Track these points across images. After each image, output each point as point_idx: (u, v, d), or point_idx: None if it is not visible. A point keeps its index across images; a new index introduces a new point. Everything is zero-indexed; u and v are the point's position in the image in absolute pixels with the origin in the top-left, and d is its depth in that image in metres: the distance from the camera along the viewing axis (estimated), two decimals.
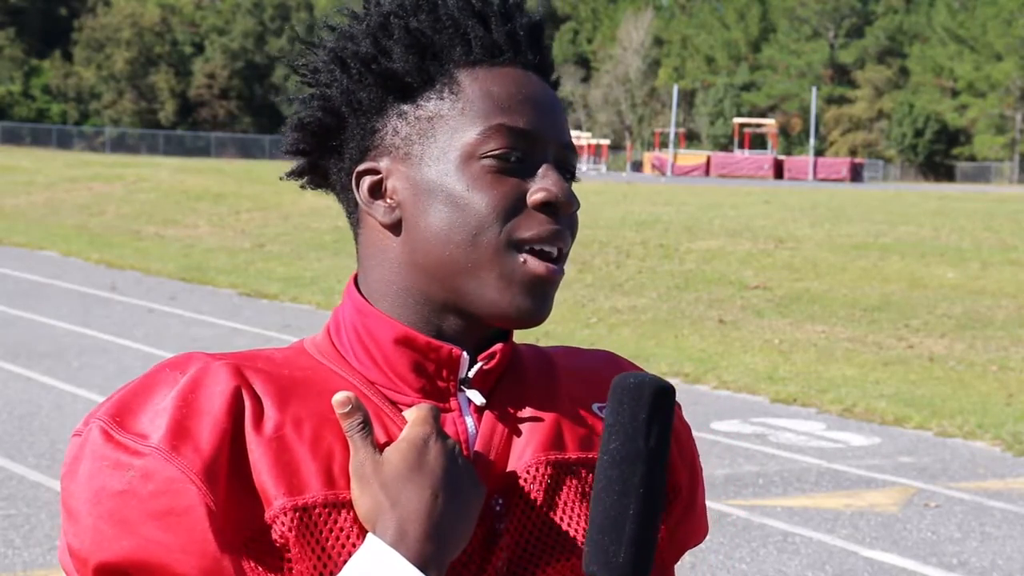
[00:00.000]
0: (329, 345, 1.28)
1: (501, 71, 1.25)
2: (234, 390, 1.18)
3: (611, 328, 14.34)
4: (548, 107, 1.26)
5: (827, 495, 7.83)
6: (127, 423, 1.17)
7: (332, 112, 1.27)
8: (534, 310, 1.23)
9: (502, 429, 1.26)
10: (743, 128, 61.79)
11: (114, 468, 1.15)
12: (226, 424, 1.16)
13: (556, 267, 1.23)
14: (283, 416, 1.18)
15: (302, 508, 1.16)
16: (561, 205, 1.22)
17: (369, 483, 1.15)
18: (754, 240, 21.30)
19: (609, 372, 1.34)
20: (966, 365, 12.47)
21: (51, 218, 26.85)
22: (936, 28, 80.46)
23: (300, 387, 1.21)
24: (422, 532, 1.14)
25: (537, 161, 1.24)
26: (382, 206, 1.25)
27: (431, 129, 1.23)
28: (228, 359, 1.22)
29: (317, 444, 1.18)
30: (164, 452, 1.14)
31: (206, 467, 1.14)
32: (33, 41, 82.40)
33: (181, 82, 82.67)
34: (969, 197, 35.10)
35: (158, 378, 1.20)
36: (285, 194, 29.41)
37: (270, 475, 1.16)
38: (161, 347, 12.18)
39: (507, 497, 1.23)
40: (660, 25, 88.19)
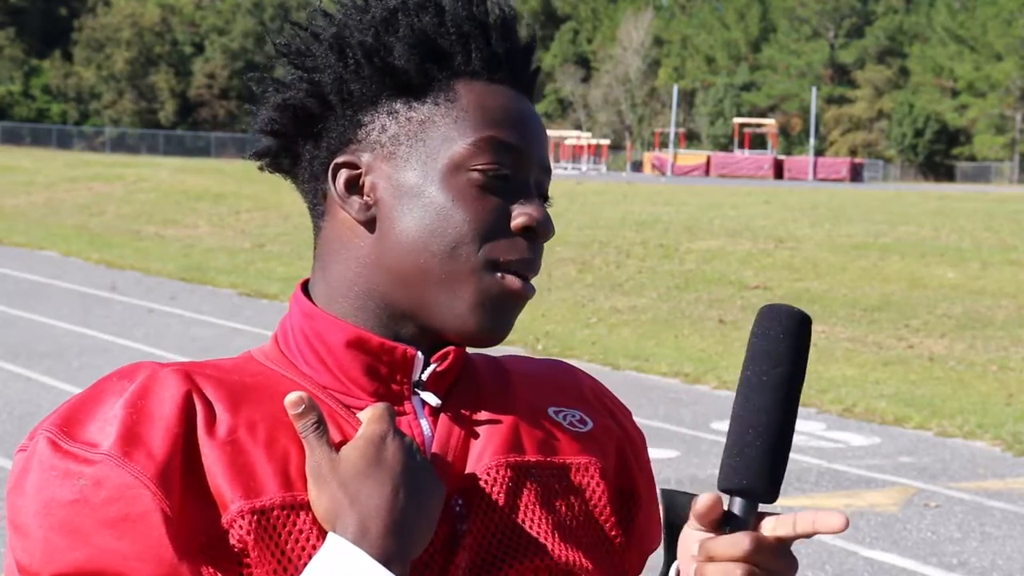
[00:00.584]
0: (277, 352, 1.25)
1: (496, 87, 1.24)
2: (185, 395, 1.16)
3: (611, 328, 14.33)
4: (534, 129, 1.26)
5: (827, 495, 7.83)
6: (75, 432, 1.14)
7: (319, 98, 1.25)
8: (497, 329, 1.22)
9: (459, 432, 1.24)
10: (743, 128, 61.80)
11: (64, 477, 1.12)
12: (178, 429, 1.14)
13: (531, 288, 1.24)
14: (236, 419, 1.16)
15: (259, 511, 1.13)
16: (541, 231, 1.22)
17: (327, 482, 1.13)
18: (754, 240, 21.30)
19: (563, 378, 1.36)
20: (966, 365, 12.47)
21: (51, 218, 26.85)
22: (936, 28, 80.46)
23: (251, 391, 1.20)
24: (384, 528, 1.12)
25: (521, 181, 1.23)
26: (358, 202, 1.23)
27: (421, 133, 1.22)
28: (176, 366, 1.20)
29: (272, 446, 1.16)
30: (116, 458, 1.12)
31: (160, 472, 1.12)
32: (33, 41, 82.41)
33: (181, 82, 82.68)
34: (969, 197, 35.10)
35: (106, 387, 1.18)
36: (285, 194, 29.37)
37: (225, 478, 1.14)
38: (161, 347, 12.19)
39: (467, 498, 1.21)
40: (660, 25, 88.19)
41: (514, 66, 1.26)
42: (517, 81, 1.27)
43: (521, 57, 1.28)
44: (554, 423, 1.30)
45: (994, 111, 75.19)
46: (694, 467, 8.35)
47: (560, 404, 1.32)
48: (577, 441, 1.29)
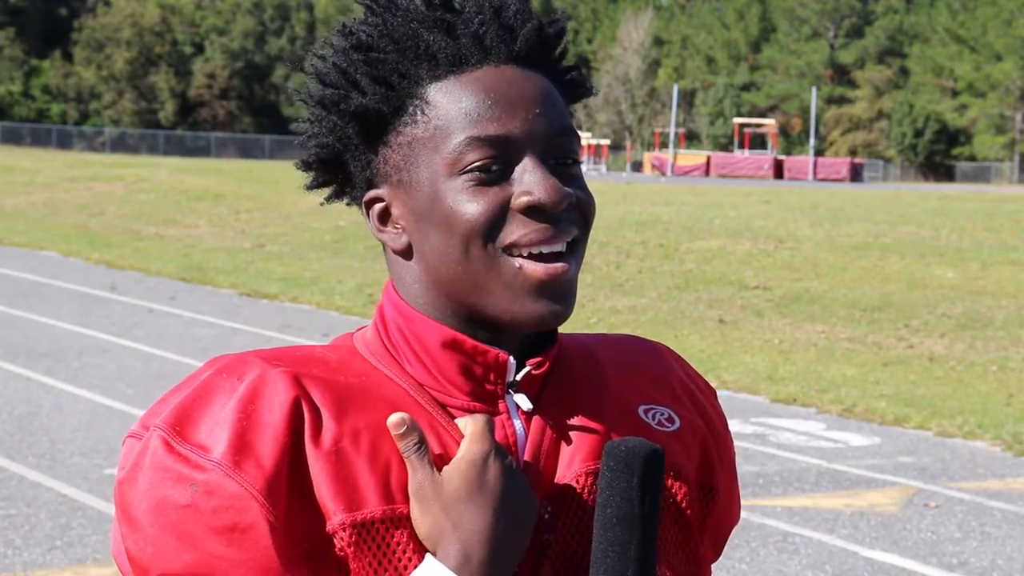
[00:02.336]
0: (380, 345, 1.27)
1: (470, 76, 1.22)
2: (293, 401, 1.18)
3: (611, 328, 14.33)
4: (528, 101, 1.22)
5: (827, 495, 7.83)
6: (187, 432, 1.17)
7: (328, 148, 1.27)
8: (551, 312, 1.20)
9: (551, 434, 1.25)
10: (743, 128, 61.77)
11: (176, 481, 1.16)
12: (286, 438, 1.17)
13: (560, 265, 1.20)
14: (341, 428, 1.18)
15: (360, 524, 1.16)
16: (546, 205, 1.19)
17: (430, 504, 1.16)
18: (754, 240, 21.30)
19: (655, 367, 1.36)
20: (966, 365, 12.47)
21: (51, 218, 26.85)
22: (936, 28, 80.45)
23: (356, 396, 1.21)
24: (485, 555, 1.15)
25: (521, 161, 1.21)
26: (391, 233, 1.25)
27: (412, 154, 1.22)
28: (285, 364, 1.21)
29: (375, 457, 1.18)
30: (226, 467, 1.15)
31: (268, 483, 1.15)
32: (33, 41, 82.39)
33: (181, 82, 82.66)
34: (969, 197, 35.10)
35: (215, 384, 1.20)
36: (285, 194, 29.39)
37: (329, 489, 1.16)
38: (161, 347, 12.19)
39: (555, 506, 1.23)
40: (660, 25, 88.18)
41: (488, 47, 1.22)
42: (500, 58, 1.23)
43: (497, 32, 1.23)
44: (643, 424, 1.30)
45: (994, 111, 75.17)
46: None
47: (651, 400, 1.33)
48: (665, 443, 1.29)
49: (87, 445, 8.41)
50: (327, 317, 14.75)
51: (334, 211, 26.25)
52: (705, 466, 1.34)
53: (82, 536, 6.55)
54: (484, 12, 1.23)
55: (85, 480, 7.56)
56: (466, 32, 1.22)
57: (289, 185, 32.18)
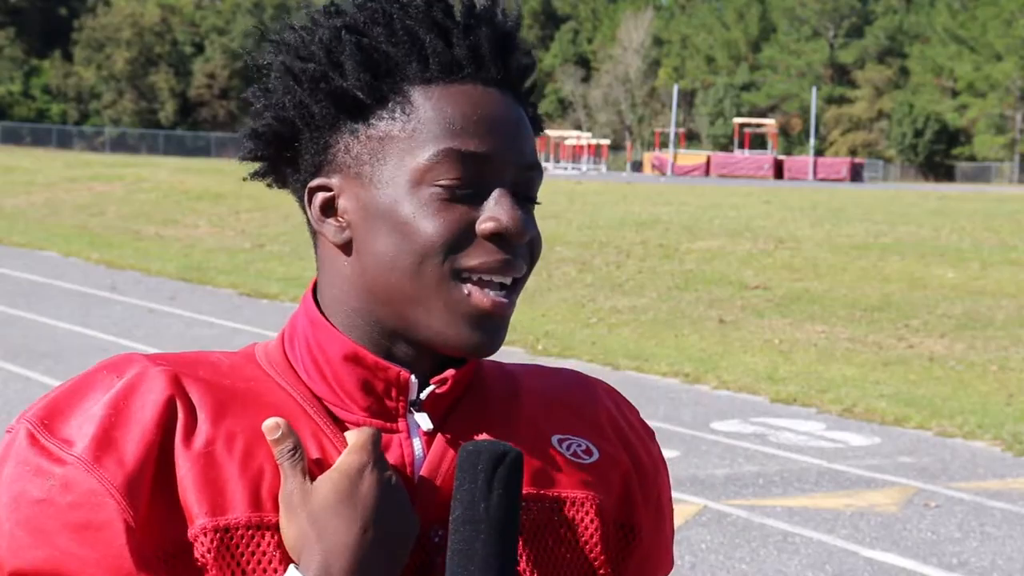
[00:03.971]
0: (281, 355, 1.23)
1: (459, 88, 1.18)
2: (167, 400, 1.14)
3: (611, 328, 14.33)
4: (508, 128, 1.19)
5: (827, 495, 7.83)
6: (55, 426, 1.14)
7: (286, 123, 1.22)
8: (481, 344, 1.17)
9: (452, 455, 1.20)
10: (743, 128, 61.79)
11: (35, 475, 1.12)
12: (154, 436, 1.13)
13: (505, 300, 1.17)
14: (216, 431, 1.15)
15: (223, 529, 1.12)
16: (512, 235, 1.16)
17: (297, 513, 1.12)
18: (754, 240, 21.31)
19: (580, 400, 1.31)
20: (966, 365, 12.47)
21: (51, 218, 26.86)
22: (936, 28, 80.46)
23: (239, 400, 1.17)
24: (346, 567, 1.11)
25: (490, 186, 1.17)
26: (333, 225, 1.20)
27: (382, 150, 1.18)
28: (169, 364, 1.18)
29: (247, 462, 1.14)
30: (86, 463, 1.11)
31: (127, 481, 1.11)
32: (33, 41, 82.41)
33: (181, 82, 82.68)
34: (969, 197, 35.11)
35: (93, 380, 1.17)
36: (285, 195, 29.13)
37: (194, 492, 1.12)
38: (161, 347, 12.19)
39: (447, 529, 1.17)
40: (660, 25, 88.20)
41: (481, 64, 1.19)
42: (489, 78, 1.20)
43: (492, 52, 1.20)
44: (556, 453, 1.26)
45: (994, 111, 75.18)
46: (694, 467, 8.35)
47: (568, 431, 1.28)
48: (577, 474, 1.26)
49: None
50: None
51: None
52: (625, 503, 1.29)
53: None
54: (482, 29, 1.20)
55: None
56: (462, 44, 1.19)
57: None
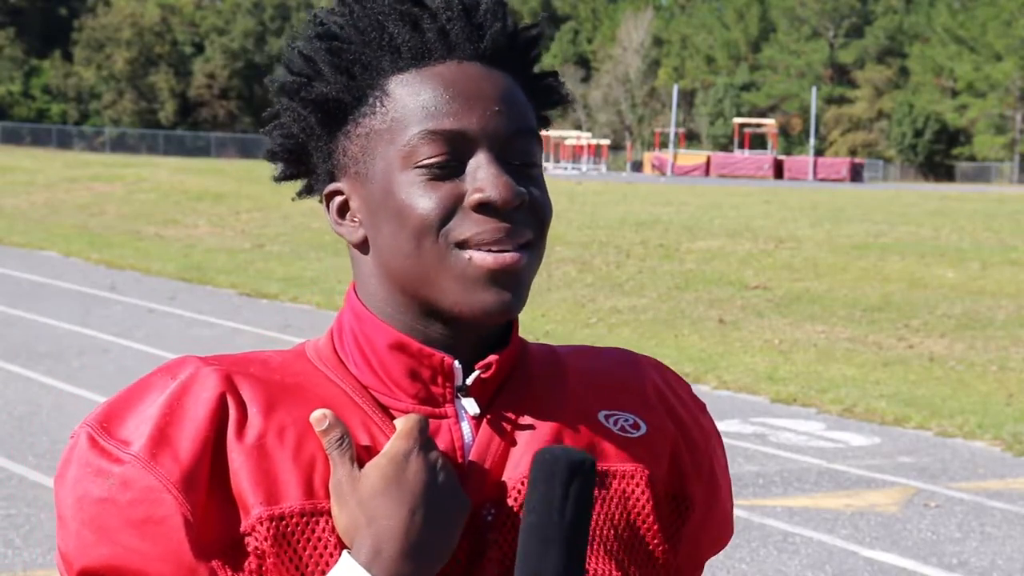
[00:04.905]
0: (330, 350, 1.27)
1: (431, 71, 1.21)
2: (219, 397, 1.18)
3: (611, 328, 14.34)
4: (486, 99, 1.20)
5: (827, 495, 7.83)
6: (113, 429, 1.18)
7: (293, 139, 1.27)
8: (500, 302, 1.18)
9: (500, 438, 1.23)
10: (743, 128, 61.80)
11: (96, 475, 1.17)
12: (208, 432, 1.17)
13: (511, 254, 1.18)
14: (267, 424, 1.18)
15: (278, 517, 1.16)
16: (498, 202, 1.18)
17: (347, 500, 1.15)
18: (754, 240, 21.31)
19: (626, 376, 1.33)
20: (966, 365, 12.47)
21: (51, 218, 26.85)
22: (936, 28, 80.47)
23: (288, 393, 1.21)
24: (397, 551, 1.14)
25: (476, 161, 1.19)
26: (349, 226, 1.25)
27: (369, 146, 1.21)
28: (221, 364, 1.21)
29: (299, 452, 1.18)
30: (143, 461, 1.16)
31: (184, 476, 1.15)
32: (33, 41, 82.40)
33: (181, 82, 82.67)
34: (969, 197, 35.11)
35: (150, 383, 1.21)
36: (285, 194, 29.18)
37: (249, 483, 1.16)
38: (161, 347, 12.18)
39: (499, 508, 1.21)
40: (660, 25, 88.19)
41: (452, 43, 1.21)
42: (465, 55, 1.22)
43: (464, 29, 1.22)
44: (602, 429, 1.28)
45: (994, 111, 75.19)
46: None
47: (614, 407, 1.30)
48: (626, 448, 1.27)
49: None
50: (327, 317, 14.74)
51: None
52: (676, 475, 1.31)
53: None
54: (452, 8, 1.22)
55: None
56: (432, 27, 1.21)
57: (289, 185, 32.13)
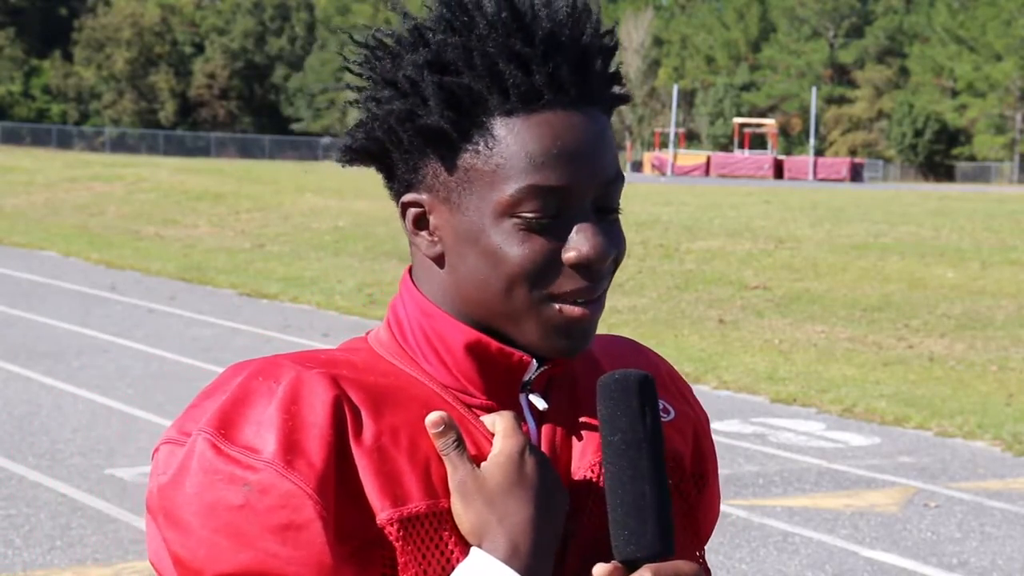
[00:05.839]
0: (396, 346, 1.29)
1: (539, 118, 1.21)
2: (334, 400, 1.20)
3: (611, 328, 14.33)
4: (588, 153, 1.22)
5: (827, 495, 7.83)
6: (233, 435, 1.19)
7: (377, 143, 1.27)
8: (573, 348, 1.25)
9: (560, 431, 1.29)
10: (743, 128, 61.79)
11: (228, 482, 1.17)
12: (332, 437, 1.19)
13: (593, 308, 1.25)
14: (379, 426, 1.21)
15: (407, 519, 1.19)
16: (595, 263, 1.22)
17: (473, 499, 1.19)
18: (754, 240, 21.31)
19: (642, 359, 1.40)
20: (966, 365, 12.47)
21: (51, 218, 26.85)
22: (936, 28, 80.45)
23: (389, 395, 1.23)
24: (531, 546, 1.18)
25: (573, 215, 1.22)
26: (426, 239, 1.26)
27: (468, 181, 1.22)
28: (317, 366, 1.23)
29: (414, 453, 1.21)
30: (279, 467, 1.17)
31: (319, 481, 1.17)
32: (33, 41, 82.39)
33: (181, 82, 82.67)
34: (969, 197, 35.12)
35: (252, 387, 1.21)
36: (285, 194, 29.39)
37: (374, 486, 1.19)
38: (161, 347, 12.19)
39: (574, 498, 1.25)
40: (660, 25, 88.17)
41: (560, 88, 1.22)
42: (569, 101, 1.22)
43: (570, 74, 1.22)
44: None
45: (994, 111, 75.17)
46: None
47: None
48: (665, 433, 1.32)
49: (87, 445, 8.41)
50: (327, 317, 14.75)
51: (334, 211, 26.20)
52: (698, 455, 1.40)
53: (82, 536, 6.55)
54: (561, 49, 1.22)
55: (85, 480, 7.56)
56: (542, 70, 1.21)
57: (289, 185, 32.17)
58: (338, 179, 32.80)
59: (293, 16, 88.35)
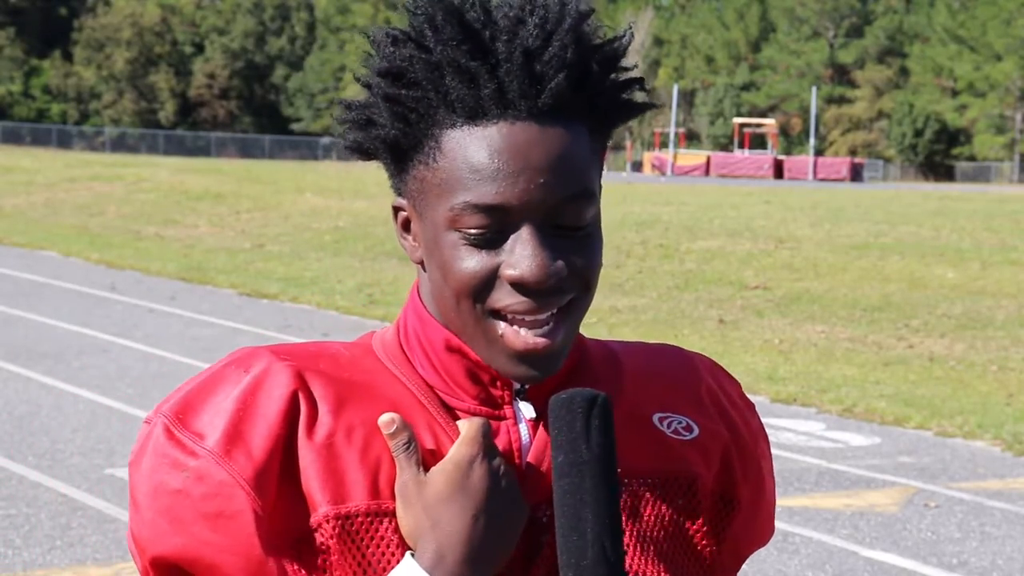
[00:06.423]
0: (397, 346, 1.29)
1: (483, 132, 1.17)
2: (291, 395, 1.21)
3: (611, 328, 14.33)
4: (533, 168, 1.17)
5: (827, 495, 7.83)
6: (188, 420, 1.21)
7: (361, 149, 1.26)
8: (527, 376, 1.21)
9: None
10: (743, 128, 61.79)
11: (172, 466, 1.20)
12: (280, 430, 1.20)
13: (540, 340, 1.19)
14: (336, 423, 1.21)
15: (344, 516, 1.19)
16: (531, 283, 1.16)
17: (412, 503, 1.18)
18: (754, 240, 21.31)
19: (681, 376, 1.35)
20: (966, 365, 12.47)
21: (51, 218, 26.84)
22: (936, 28, 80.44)
23: (357, 392, 1.23)
24: (460, 556, 1.16)
25: (518, 232, 1.18)
26: (410, 244, 1.27)
27: (423, 191, 1.21)
28: (293, 359, 1.24)
29: (366, 453, 1.21)
30: (217, 456, 1.19)
31: (256, 473, 1.18)
32: (33, 41, 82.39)
33: (181, 82, 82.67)
34: (969, 197, 35.12)
35: (223, 375, 1.23)
36: (285, 194, 29.40)
37: (317, 481, 1.19)
38: (161, 347, 12.19)
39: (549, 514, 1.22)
40: (660, 25, 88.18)
41: (511, 100, 1.17)
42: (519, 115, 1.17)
43: (523, 86, 1.17)
44: (656, 432, 1.30)
45: (994, 111, 75.17)
46: None
47: (668, 409, 1.32)
48: (678, 450, 1.30)
49: (87, 445, 8.41)
50: (327, 317, 14.75)
51: (334, 211, 26.19)
52: (726, 477, 1.34)
53: (82, 536, 6.55)
54: (513, 60, 1.17)
55: (85, 480, 7.56)
56: (489, 84, 1.17)
57: (289, 185, 32.18)
58: (338, 179, 32.79)
59: (293, 16, 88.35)
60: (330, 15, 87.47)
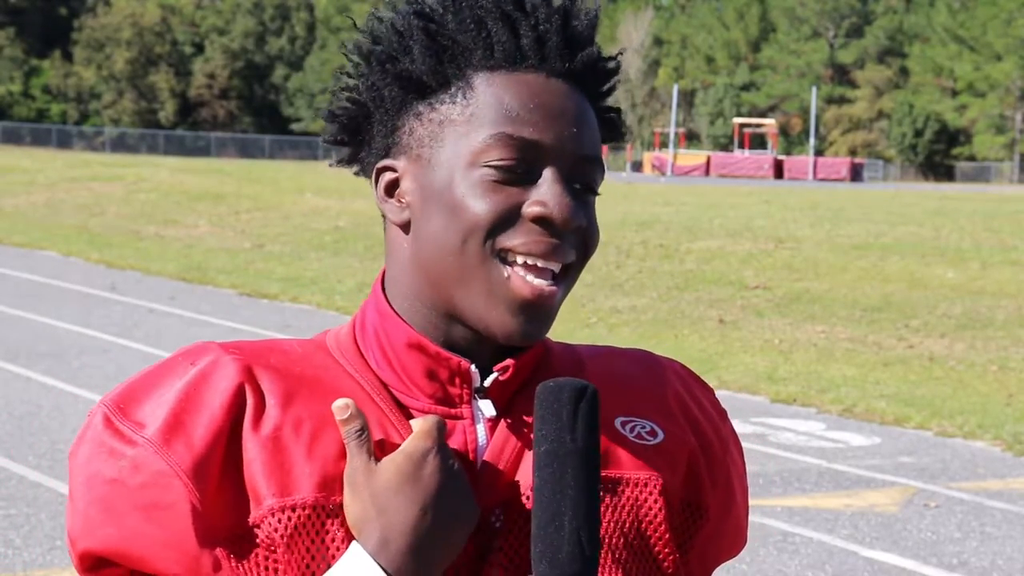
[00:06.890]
0: (351, 343, 1.27)
1: (520, 77, 1.21)
2: (237, 387, 1.19)
3: (611, 328, 14.33)
4: (567, 118, 1.21)
5: (827, 495, 7.83)
6: (130, 410, 1.19)
7: (359, 105, 1.27)
8: (523, 331, 1.20)
9: (515, 441, 1.23)
10: (743, 128, 61.79)
11: (109, 455, 1.17)
12: (223, 422, 1.17)
13: (549, 286, 1.19)
14: (284, 416, 1.19)
15: (291, 508, 1.16)
16: (556, 221, 1.18)
17: (360, 491, 1.15)
18: (754, 240, 21.31)
19: (647, 382, 1.33)
20: (966, 365, 12.47)
21: (51, 218, 26.84)
22: (936, 28, 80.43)
23: (307, 387, 1.21)
24: (405, 545, 1.14)
25: (545, 173, 1.20)
26: (394, 205, 1.25)
27: (441, 133, 1.21)
28: (242, 353, 1.22)
29: (313, 446, 1.18)
30: (155, 445, 1.16)
31: (195, 464, 1.16)
32: (33, 41, 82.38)
33: (181, 82, 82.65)
34: (969, 197, 35.12)
35: (170, 367, 1.22)
36: (285, 194, 29.39)
37: (263, 475, 1.17)
38: (161, 347, 12.18)
39: (508, 512, 1.21)
40: (660, 25, 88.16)
41: (546, 55, 1.22)
42: (554, 70, 1.22)
43: (559, 45, 1.22)
44: (618, 436, 1.27)
45: (994, 111, 75.16)
46: None
47: (632, 413, 1.30)
48: (640, 455, 1.27)
49: None
50: (327, 317, 14.75)
51: (334, 211, 26.20)
52: (692, 483, 1.31)
53: None
54: (552, 20, 1.23)
55: None
56: (530, 35, 1.22)
57: (289, 185, 32.17)
58: (338, 179, 32.79)
59: (293, 16, 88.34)
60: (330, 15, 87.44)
